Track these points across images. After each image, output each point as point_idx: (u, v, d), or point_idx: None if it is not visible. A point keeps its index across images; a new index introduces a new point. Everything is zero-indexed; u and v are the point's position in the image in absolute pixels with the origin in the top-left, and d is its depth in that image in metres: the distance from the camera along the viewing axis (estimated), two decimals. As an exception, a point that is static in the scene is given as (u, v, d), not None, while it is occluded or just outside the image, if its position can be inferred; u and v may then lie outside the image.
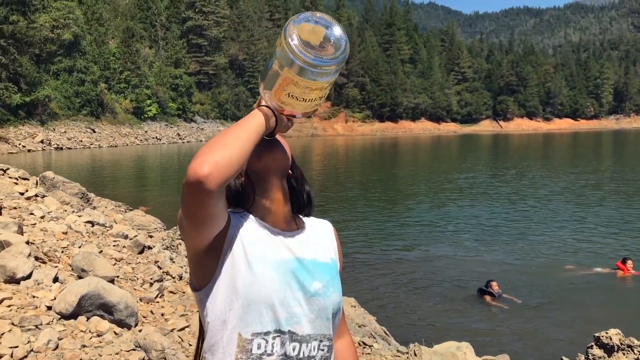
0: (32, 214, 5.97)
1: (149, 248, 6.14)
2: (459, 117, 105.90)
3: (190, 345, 4.00)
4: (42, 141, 40.26)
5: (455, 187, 21.44)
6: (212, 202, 1.15)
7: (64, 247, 5.13)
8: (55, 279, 4.22)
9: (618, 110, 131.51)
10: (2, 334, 3.28)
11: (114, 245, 5.81)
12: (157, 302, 4.74)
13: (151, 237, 7.50)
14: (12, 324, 3.45)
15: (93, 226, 6.31)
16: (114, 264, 5.17)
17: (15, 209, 5.99)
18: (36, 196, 6.87)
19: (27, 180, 8.03)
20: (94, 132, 48.62)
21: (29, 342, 3.29)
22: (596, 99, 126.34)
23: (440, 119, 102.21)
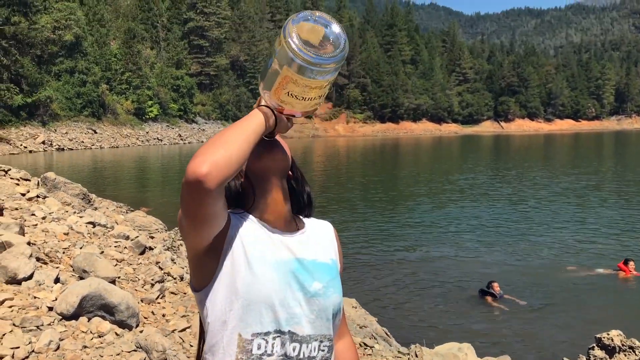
0: (33, 214, 5.98)
1: (150, 249, 6.15)
2: (460, 118, 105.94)
3: (192, 346, 4.00)
4: (43, 142, 40.31)
5: (457, 188, 21.43)
6: (211, 202, 1.15)
7: (65, 248, 5.14)
8: (57, 280, 4.22)
9: (619, 111, 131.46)
10: (4, 335, 3.29)
11: (115, 246, 5.82)
12: (158, 303, 4.74)
13: (152, 238, 7.51)
14: (14, 324, 3.45)
15: (94, 227, 6.32)
16: (115, 265, 5.18)
17: (16, 209, 6.00)
18: (37, 197, 6.88)
19: (29, 181, 8.04)
20: (96, 133, 48.70)
21: (30, 343, 3.29)
22: (597, 100, 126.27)
23: (441, 119, 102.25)
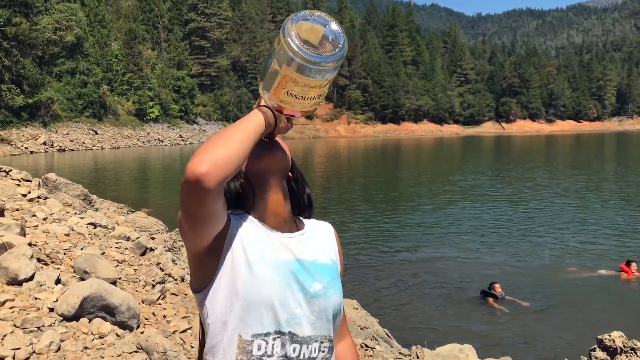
0: (34, 215, 5.98)
1: (151, 250, 6.15)
2: (461, 119, 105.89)
3: (193, 348, 4.00)
4: (44, 143, 40.33)
5: (458, 188, 21.42)
6: (210, 201, 1.15)
7: (66, 249, 5.14)
8: (58, 281, 4.22)
9: (621, 112, 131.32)
10: (5, 336, 3.28)
11: (116, 247, 5.81)
12: (159, 304, 4.74)
13: (153, 239, 7.51)
14: (15, 325, 3.45)
15: (95, 228, 6.32)
16: (116, 266, 5.18)
17: (17, 210, 6.00)
18: (38, 198, 6.88)
19: (30, 182, 8.04)
20: (97, 133, 48.73)
21: (31, 344, 3.29)
22: (599, 101, 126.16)
23: (442, 120, 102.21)
